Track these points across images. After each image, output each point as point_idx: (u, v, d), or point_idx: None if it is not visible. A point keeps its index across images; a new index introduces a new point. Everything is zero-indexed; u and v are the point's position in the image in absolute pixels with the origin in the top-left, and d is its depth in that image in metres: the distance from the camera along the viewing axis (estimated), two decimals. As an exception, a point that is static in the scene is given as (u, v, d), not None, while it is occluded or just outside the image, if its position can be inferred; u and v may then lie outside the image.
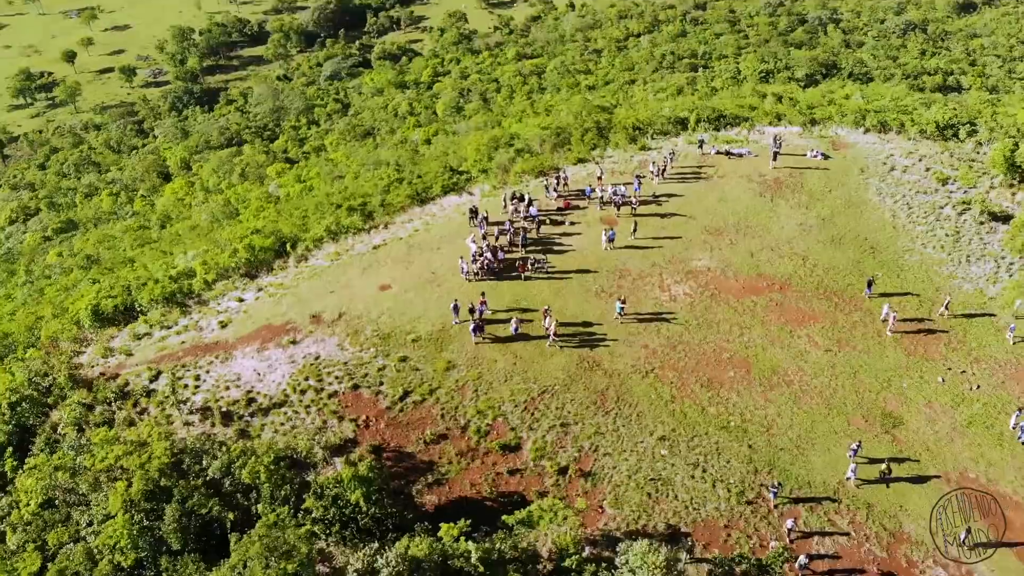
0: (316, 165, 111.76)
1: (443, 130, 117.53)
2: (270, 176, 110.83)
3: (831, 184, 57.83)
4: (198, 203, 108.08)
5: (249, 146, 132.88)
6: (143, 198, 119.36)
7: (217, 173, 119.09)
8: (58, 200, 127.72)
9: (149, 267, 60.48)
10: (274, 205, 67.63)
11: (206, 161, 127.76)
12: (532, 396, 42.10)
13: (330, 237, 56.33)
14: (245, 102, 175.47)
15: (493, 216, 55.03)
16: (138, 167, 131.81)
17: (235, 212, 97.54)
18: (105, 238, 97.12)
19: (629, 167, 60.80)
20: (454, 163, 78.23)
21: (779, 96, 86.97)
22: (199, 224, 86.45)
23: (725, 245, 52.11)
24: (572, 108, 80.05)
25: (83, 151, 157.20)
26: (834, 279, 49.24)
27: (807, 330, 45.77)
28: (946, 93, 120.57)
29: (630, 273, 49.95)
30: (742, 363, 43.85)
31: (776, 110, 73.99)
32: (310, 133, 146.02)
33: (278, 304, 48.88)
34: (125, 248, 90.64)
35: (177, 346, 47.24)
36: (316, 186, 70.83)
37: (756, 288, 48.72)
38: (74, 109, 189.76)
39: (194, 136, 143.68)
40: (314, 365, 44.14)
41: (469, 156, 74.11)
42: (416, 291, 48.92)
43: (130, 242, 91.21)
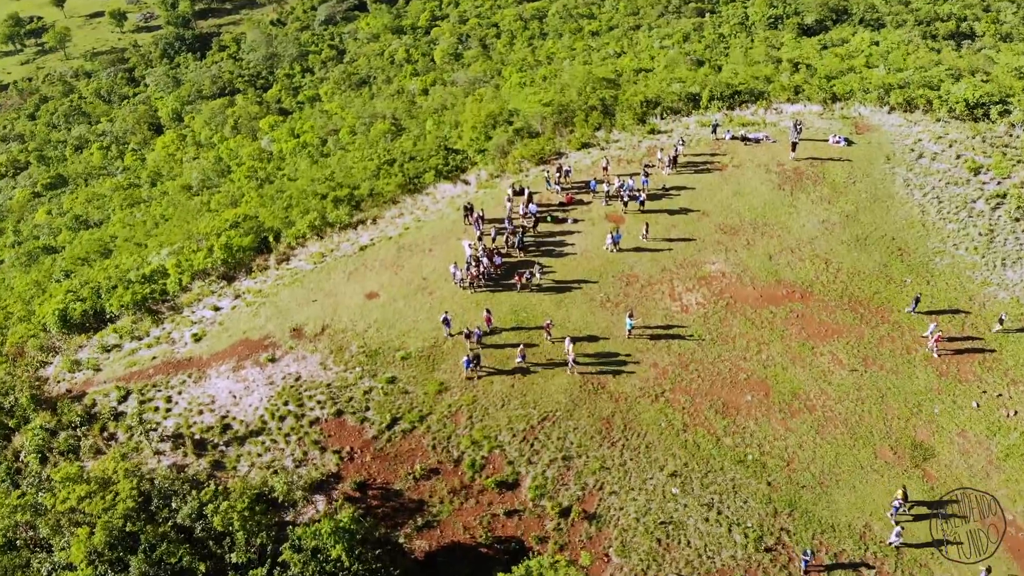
0: (310, 118, 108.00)
1: (440, 79, 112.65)
2: (263, 130, 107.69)
3: (855, 175, 53.50)
4: (189, 159, 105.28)
5: (242, 96, 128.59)
6: (134, 152, 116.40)
7: (209, 126, 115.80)
8: (48, 153, 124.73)
9: (122, 263, 56.57)
10: (257, 191, 63.24)
11: (198, 113, 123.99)
12: (531, 424, 38.71)
13: (314, 233, 52.32)
14: (238, 49, 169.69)
15: (490, 213, 50.91)
16: (129, 119, 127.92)
17: (226, 170, 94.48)
18: (94, 197, 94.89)
19: (636, 155, 56.36)
20: (450, 136, 73.99)
21: (795, 64, 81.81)
22: (181, 203, 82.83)
23: (741, 246, 48.12)
24: (576, 81, 74.90)
25: (73, 100, 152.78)
26: (859, 286, 45.40)
27: (830, 346, 42.14)
28: (959, 40, 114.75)
29: (638, 279, 46.09)
30: (760, 385, 40.35)
31: (793, 82, 69.04)
32: (304, 82, 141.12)
33: (256, 315, 45.15)
34: (114, 209, 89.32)
35: (148, 362, 43.70)
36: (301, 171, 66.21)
37: (775, 297, 44.92)
38: (64, 55, 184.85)
39: (186, 85, 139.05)
40: (294, 387, 40.66)
41: (465, 134, 69.63)
42: (406, 300, 45.15)
43: (119, 202, 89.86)
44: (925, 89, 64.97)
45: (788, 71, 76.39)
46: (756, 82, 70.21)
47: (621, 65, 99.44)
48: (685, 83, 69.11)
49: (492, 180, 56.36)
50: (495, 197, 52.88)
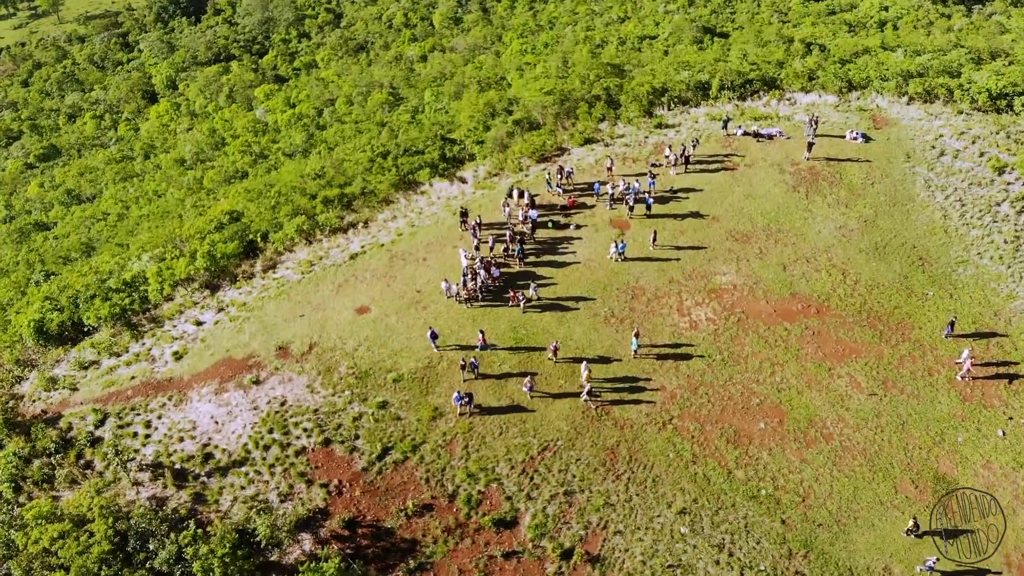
0: (306, 86, 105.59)
1: (439, 45, 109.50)
2: (258, 99, 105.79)
3: (873, 175, 50.65)
4: (183, 130, 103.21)
5: (237, 63, 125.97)
6: (127, 122, 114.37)
7: (204, 94, 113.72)
8: (41, 122, 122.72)
9: (103, 265, 53.95)
10: (244, 190, 60.35)
11: (192, 80, 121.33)
12: (531, 454, 36.49)
13: (303, 237, 49.64)
14: (233, 12, 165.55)
15: (488, 216, 48.22)
16: (122, 86, 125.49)
17: (220, 142, 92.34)
18: (87, 170, 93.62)
19: (643, 152, 53.43)
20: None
21: (808, 45, 78.16)
22: (174, 178, 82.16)
23: (753, 255, 45.49)
24: (579, 66, 71.50)
25: (66, 67, 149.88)
26: (878, 300, 42.89)
27: (848, 367, 39.76)
28: (970, 6, 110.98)
29: (644, 292, 43.57)
30: (774, 411, 38.05)
31: (807, 67, 65.72)
32: (301, 47, 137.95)
33: (240, 331, 42.70)
34: (106, 183, 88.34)
35: (127, 381, 41.37)
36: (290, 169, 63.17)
37: (789, 312, 42.43)
38: (57, 19, 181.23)
39: (180, 52, 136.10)
40: (279, 413, 38.37)
41: (463, 123, 66.57)
42: (399, 315, 42.69)
43: (111, 176, 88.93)
44: (945, 77, 61.74)
45: (800, 53, 72.84)
46: (768, 66, 66.93)
47: (625, 32, 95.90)
48: (693, 70, 65.83)
49: (490, 179, 53.52)
50: (493, 199, 50.12)
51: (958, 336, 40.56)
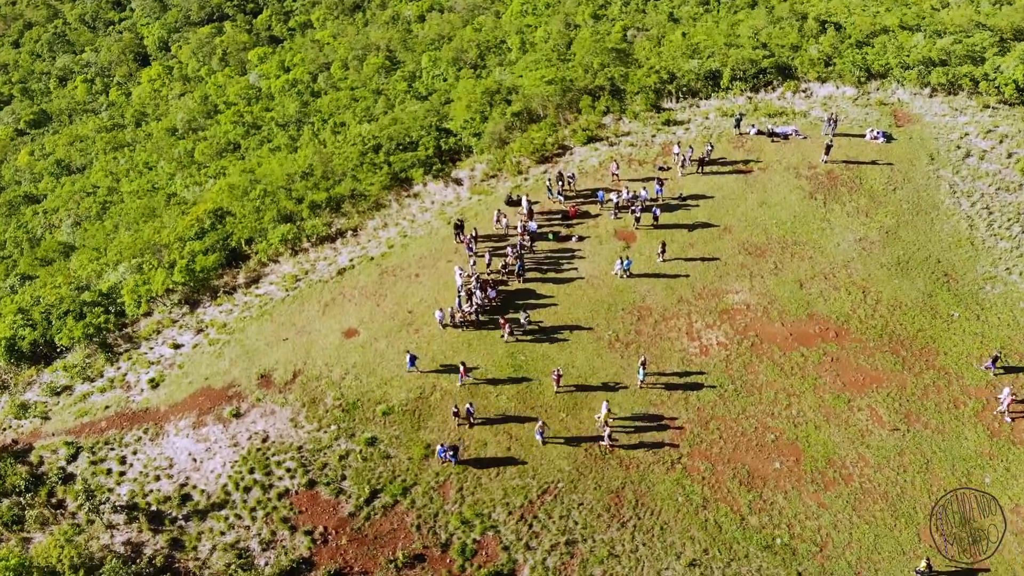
0: (301, 48, 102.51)
1: (438, 4, 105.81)
2: (251, 62, 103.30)
3: (895, 180, 47.54)
4: (175, 96, 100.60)
5: (230, 23, 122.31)
6: (119, 86, 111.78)
7: (196, 56, 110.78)
8: (32, 86, 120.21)
9: (80, 270, 51.24)
10: (228, 186, 57.26)
11: (185, 42, 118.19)
12: (530, 498, 34.13)
13: (288, 247, 46.77)
14: None
15: (484, 227, 45.29)
16: (114, 48, 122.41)
17: (213, 109, 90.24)
18: (77, 139, 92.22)
19: (650, 153, 50.21)
20: (442, 112, 67.76)
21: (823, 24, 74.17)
22: (165, 150, 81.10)
23: (767, 271, 42.66)
24: (582, 51, 67.69)
25: (57, 27, 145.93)
26: (901, 322, 40.17)
27: (869, 399, 37.21)
28: None
29: (651, 312, 40.84)
30: (790, 449, 35.60)
31: (823, 51, 62.08)
32: (296, 5, 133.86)
33: (219, 356, 40.09)
34: (95, 153, 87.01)
35: (100, 411, 38.90)
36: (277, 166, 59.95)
37: (806, 335, 39.75)
38: None
39: (172, 11, 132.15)
40: (261, 450, 35.94)
41: (459, 114, 63.22)
42: (388, 339, 40.03)
43: (102, 146, 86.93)
44: (969, 65, 58.28)
45: (815, 32, 68.82)
46: (782, 51, 63.32)
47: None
48: (702, 55, 62.22)
49: (487, 181, 50.40)
50: (490, 206, 47.08)
51: (1000, 370, 37.73)
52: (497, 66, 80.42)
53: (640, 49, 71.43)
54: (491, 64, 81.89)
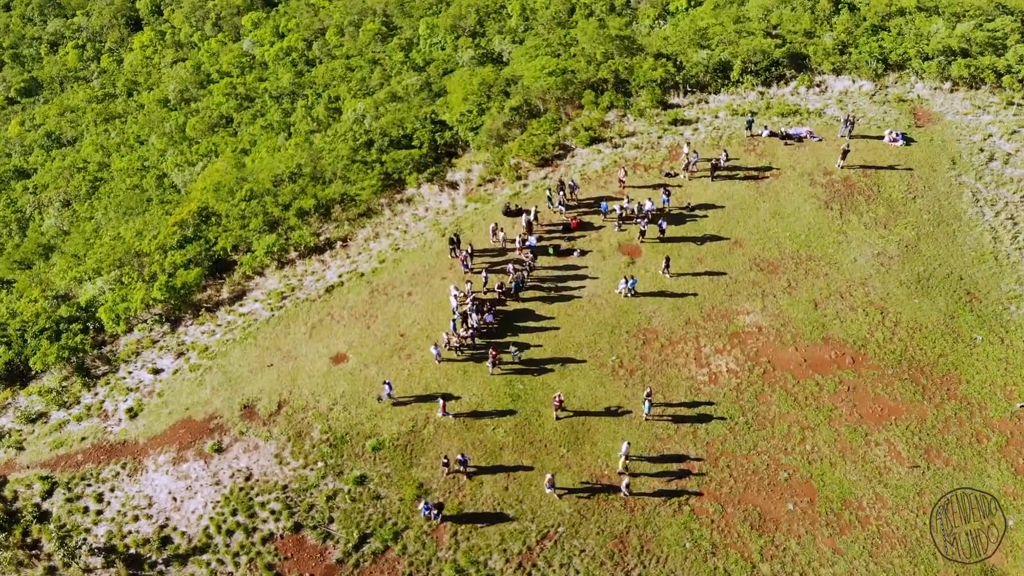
0: (296, 13, 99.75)
1: None
2: (245, 27, 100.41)
3: (915, 187, 44.96)
4: (167, 64, 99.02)
5: None
6: (110, 52, 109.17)
7: (189, 21, 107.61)
8: (23, 51, 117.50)
9: (58, 279, 48.88)
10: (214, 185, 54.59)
11: (178, 6, 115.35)
12: (529, 544, 32.27)
13: (274, 259, 44.38)
14: None
15: (480, 239, 42.87)
16: (105, 12, 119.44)
17: (206, 79, 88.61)
18: (67, 109, 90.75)
19: (656, 156, 47.49)
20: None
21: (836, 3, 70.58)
22: (156, 123, 79.86)
23: (780, 289, 40.34)
24: (585, 37, 64.34)
25: None
26: (920, 346, 37.98)
27: (887, 432, 35.19)
28: None
29: (657, 336, 38.62)
30: (804, 488, 33.67)
31: (838, 36, 58.93)
32: None
33: (201, 383, 37.95)
34: (86, 125, 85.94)
35: (77, 442, 36.89)
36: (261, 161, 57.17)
37: (821, 361, 37.58)
38: None
39: None
40: (244, 489, 33.99)
41: (455, 107, 60.24)
42: (379, 366, 37.84)
43: (92, 117, 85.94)
44: (991, 55, 55.34)
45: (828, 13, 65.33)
46: (794, 37, 60.19)
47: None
48: (712, 43, 59.08)
49: (484, 187, 47.80)
50: (487, 216, 44.58)
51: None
52: (497, 34, 77.61)
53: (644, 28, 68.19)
54: (490, 32, 78.97)
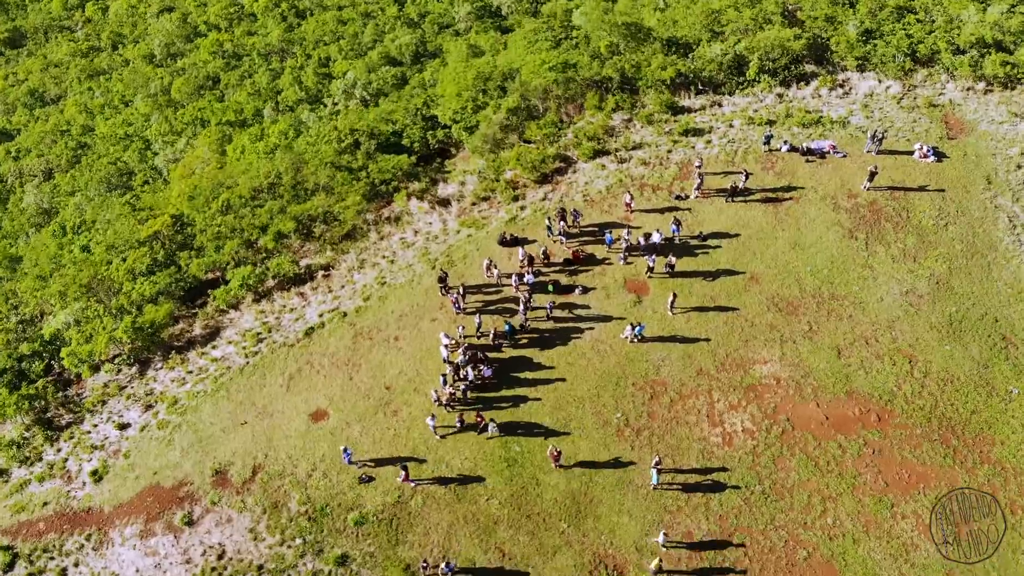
0: None
1: None
2: None
3: (947, 212, 41.27)
4: (153, 14, 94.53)
5: None
6: (95, 0, 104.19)
7: None
8: None
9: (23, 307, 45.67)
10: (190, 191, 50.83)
11: None
12: (526, 635, 29.79)
13: (249, 292, 41.00)
14: None
15: (474, 271, 39.42)
16: None
17: (193, 32, 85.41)
18: (51, 65, 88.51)
19: (666, 175, 43.61)
20: (433, 96, 60.46)
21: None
22: (140, 82, 77.43)
23: (800, 334, 37.06)
24: (589, 24, 59.50)
25: None
26: (952, 401, 34.88)
27: (914, 503, 32.34)
28: None
29: (666, 389, 35.50)
30: (824, 570, 30.95)
31: (861, 19, 54.32)
32: None
33: (170, 443, 34.96)
34: (70, 82, 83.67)
35: (39, 508, 34.12)
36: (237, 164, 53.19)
37: (845, 419, 34.54)
38: None
39: None
40: (217, 570, 31.30)
41: (449, 102, 55.94)
42: (363, 424, 34.81)
43: (76, 73, 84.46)
44: (1027, 43, 51.05)
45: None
46: (814, 24, 55.62)
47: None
48: (725, 34, 54.53)
49: (478, 207, 44.02)
50: (481, 245, 41.01)
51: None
52: None
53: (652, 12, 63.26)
54: None
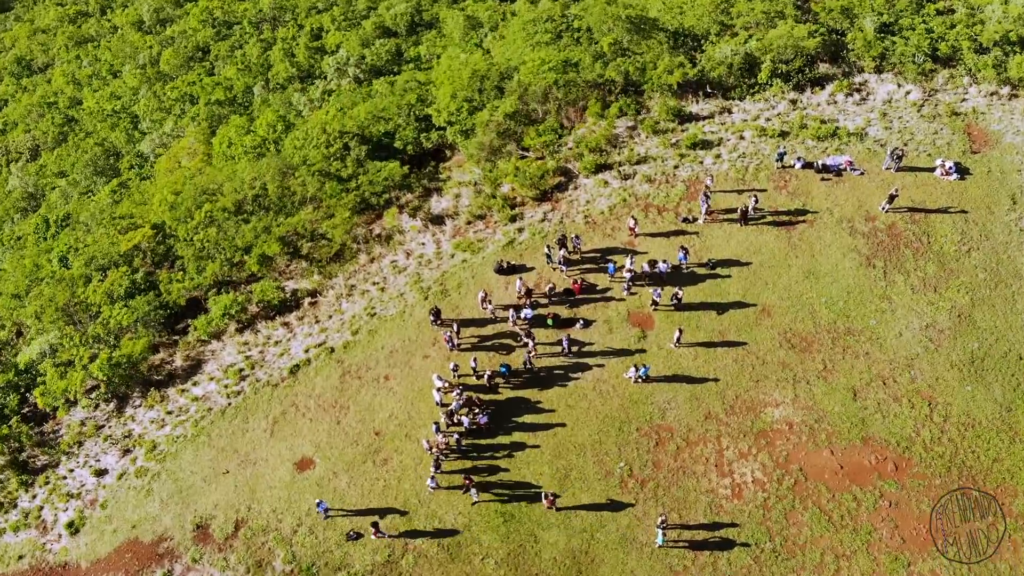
0: None
1: None
2: None
3: (970, 235, 38.96)
4: None
5: None
6: None
7: None
8: None
9: None
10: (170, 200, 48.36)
11: None
12: None
13: (231, 320, 38.89)
14: None
15: (469, 302, 37.27)
16: None
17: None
18: (38, 31, 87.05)
19: (672, 194, 41.16)
20: (423, 98, 57.59)
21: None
22: (126, 52, 76.71)
23: (814, 374, 35.04)
24: (591, 18, 56.25)
25: None
26: (973, 447, 33.01)
27: (932, 561, 30.68)
28: None
29: (672, 435, 33.60)
30: (837, 636, 29.49)
31: (884, 15, 51.33)
32: None
33: (148, 494, 33.15)
34: (58, 49, 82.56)
35: (14, 561, 32.53)
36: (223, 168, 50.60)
37: (860, 468, 32.71)
38: None
39: None
40: (199, 637, 29.84)
41: (443, 103, 53.11)
42: (351, 473, 32.95)
43: (64, 41, 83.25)
44: (1056, 47, 48.18)
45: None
46: (830, 18, 52.57)
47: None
48: (737, 40, 51.50)
49: (473, 226, 41.68)
50: (476, 273, 38.76)
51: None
52: None
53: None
54: None
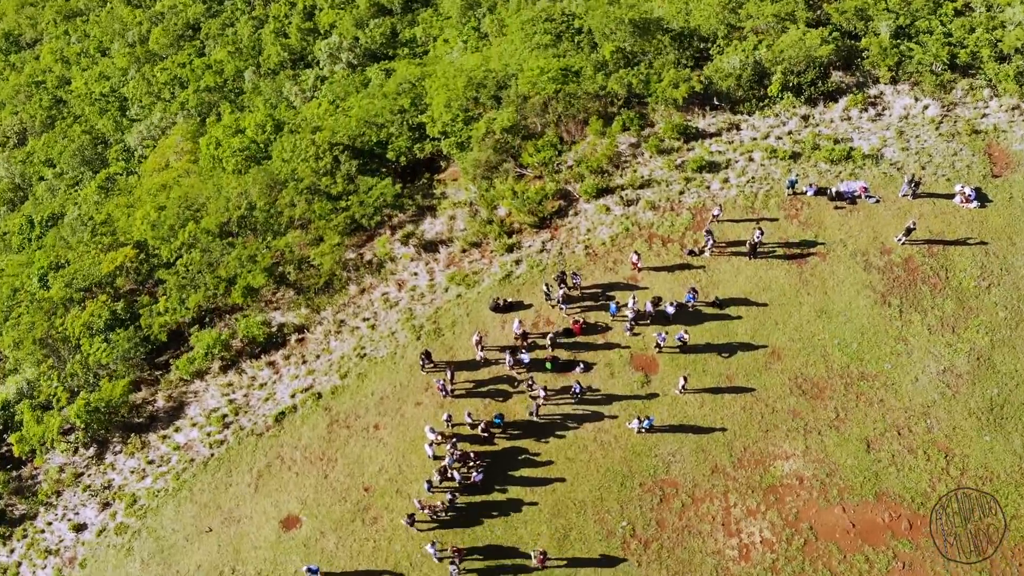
0: None
1: None
2: None
3: (990, 270, 37.01)
4: None
5: None
6: None
7: None
8: None
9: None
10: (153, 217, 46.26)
11: None
12: None
13: (215, 359, 37.16)
14: None
15: (463, 348, 35.46)
16: None
17: None
18: (26, 4, 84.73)
19: (678, 224, 39.11)
20: (417, 103, 55.21)
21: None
22: (109, 52, 74.83)
23: (826, 423, 33.35)
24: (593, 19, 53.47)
25: None
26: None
27: (949, 629, 29.40)
28: None
29: (677, 491, 32.01)
30: None
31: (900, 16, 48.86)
32: None
33: (129, 554, 31.66)
34: (46, 24, 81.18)
35: (-16, 623, 31.23)
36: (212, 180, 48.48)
37: (873, 527, 31.18)
38: None
39: None
40: None
41: (437, 112, 50.77)
42: (339, 533, 31.40)
43: (51, 15, 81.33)
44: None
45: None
46: (842, 18, 50.07)
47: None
48: (746, 46, 48.99)
49: (468, 255, 39.73)
50: (471, 310, 36.89)
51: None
52: None
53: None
54: None
